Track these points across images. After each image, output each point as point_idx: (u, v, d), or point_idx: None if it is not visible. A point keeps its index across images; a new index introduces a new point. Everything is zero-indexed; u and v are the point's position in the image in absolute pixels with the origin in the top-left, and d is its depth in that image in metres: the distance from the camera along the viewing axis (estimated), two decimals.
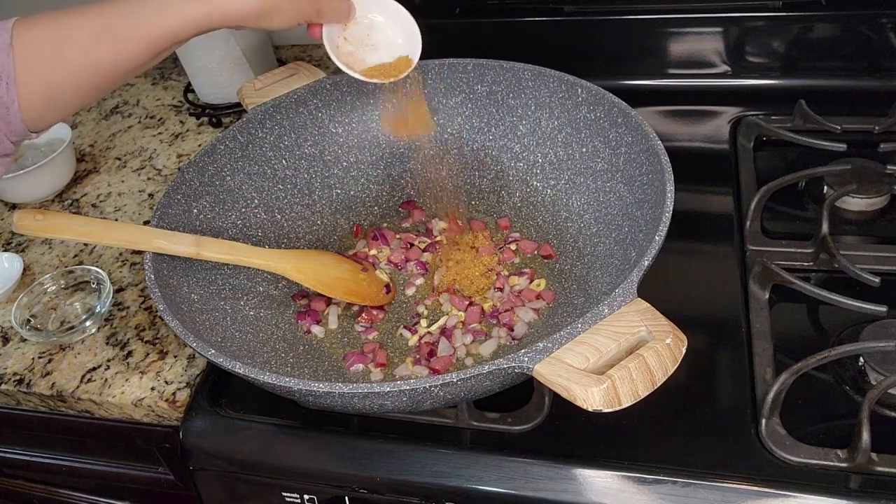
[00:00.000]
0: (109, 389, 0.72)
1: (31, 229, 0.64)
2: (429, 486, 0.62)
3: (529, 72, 0.79)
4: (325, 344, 0.72)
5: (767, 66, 0.93)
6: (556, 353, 0.50)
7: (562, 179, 0.78)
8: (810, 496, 0.56)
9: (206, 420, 0.69)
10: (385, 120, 0.81)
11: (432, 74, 0.82)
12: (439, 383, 0.51)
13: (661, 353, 0.49)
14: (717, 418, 0.62)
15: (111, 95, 1.16)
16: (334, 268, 0.75)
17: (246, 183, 0.78)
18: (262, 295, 0.74)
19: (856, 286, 0.68)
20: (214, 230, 0.74)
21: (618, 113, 0.72)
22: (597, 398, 0.47)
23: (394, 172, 0.85)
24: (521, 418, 0.63)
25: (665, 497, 0.58)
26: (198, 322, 0.65)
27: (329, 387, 0.52)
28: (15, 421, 0.81)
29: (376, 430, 0.65)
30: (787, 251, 0.74)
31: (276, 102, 0.79)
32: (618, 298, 0.53)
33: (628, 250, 0.67)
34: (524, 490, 0.60)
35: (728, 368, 0.65)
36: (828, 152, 0.82)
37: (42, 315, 0.80)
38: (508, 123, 0.82)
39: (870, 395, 0.59)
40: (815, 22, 0.89)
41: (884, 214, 0.78)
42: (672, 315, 0.52)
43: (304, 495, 0.67)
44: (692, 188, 0.81)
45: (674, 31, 0.93)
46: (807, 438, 0.59)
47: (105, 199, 0.96)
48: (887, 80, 0.90)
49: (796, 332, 0.69)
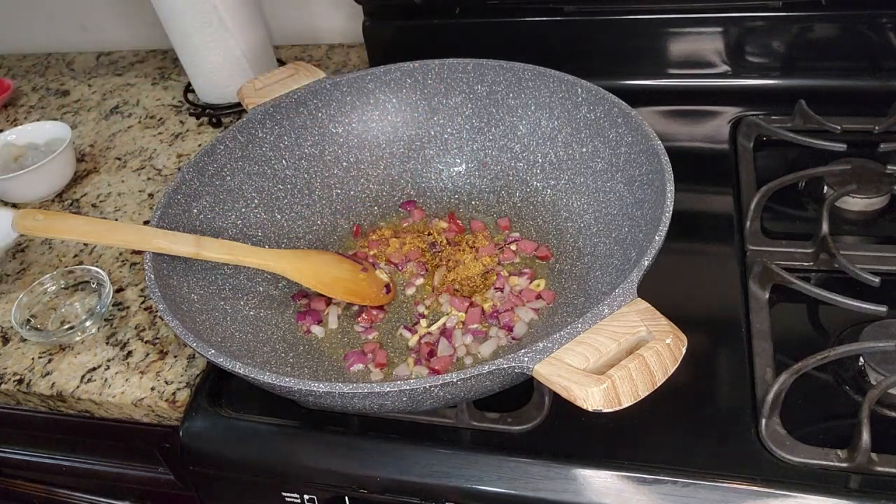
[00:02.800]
0: (109, 389, 0.72)
1: (31, 229, 0.64)
2: (429, 486, 0.62)
3: (529, 72, 0.79)
4: (325, 344, 0.72)
5: (767, 66, 0.93)
6: (556, 353, 0.50)
7: (562, 179, 0.78)
8: (810, 496, 0.56)
9: (206, 420, 0.69)
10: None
11: (432, 74, 0.82)
12: (439, 383, 0.51)
13: (661, 353, 0.49)
14: (717, 418, 0.62)
15: (111, 95, 1.16)
16: (334, 268, 0.75)
17: (246, 183, 0.78)
18: (262, 295, 0.74)
19: (856, 286, 0.68)
20: (214, 230, 0.74)
21: (618, 113, 0.72)
22: (597, 398, 0.47)
23: (394, 172, 0.85)
24: (521, 418, 0.63)
25: (665, 497, 0.58)
26: (198, 322, 0.65)
27: (329, 387, 0.52)
28: (15, 421, 0.81)
29: (376, 430, 0.65)
30: (787, 251, 0.73)
31: (276, 102, 0.79)
32: (618, 298, 0.53)
33: (628, 250, 0.67)
34: (524, 490, 0.60)
35: (728, 368, 0.65)
36: (828, 152, 0.82)
37: (42, 315, 0.80)
38: (508, 123, 0.82)
39: (870, 395, 0.58)
40: (815, 22, 0.89)
41: (884, 214, 0.78)
42: (672, 315, 0.52)
43: (304, 495, 0.67)
44: (692, 188, 0.81)
45: (674, 31, 0.93)
46: (807, 438, 0.59)
47: (105, 199, 0.96)
48: (887, 80, 0.90)
49: (796, 332, 0.69)
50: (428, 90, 0.83)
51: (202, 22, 0.97)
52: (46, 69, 1.27)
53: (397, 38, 1.03)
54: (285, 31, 1.20)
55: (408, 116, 0.84)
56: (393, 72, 0.83)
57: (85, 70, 1.25)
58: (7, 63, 1.31)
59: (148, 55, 1.26)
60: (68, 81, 1.23)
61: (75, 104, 1.16)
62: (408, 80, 0.83)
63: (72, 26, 1.29)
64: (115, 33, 1.28)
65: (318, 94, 0.82)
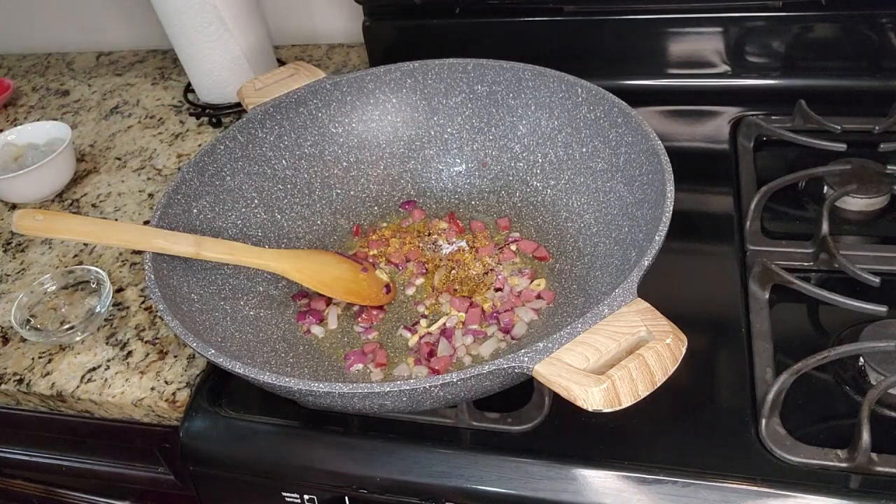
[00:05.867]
0: (109, 389, 0.72)
1: (31, 229, 0.64)
2: (429, 486, 0.62)
3: (529, 72, 0.79)
4: (325, 344, 0.72)
5: (767, 66, 0.93)
6: (556, 353, 0.50)
7: (562, 179, 0.78)
8: (810, 496, 0.56)
9: (206, 420, 0.69)
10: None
11: (432, 74, 0.82)
12: (439, 383, 0.51)
13: (661, 353, 0.49)
14: (717, 418, 0.62)
15: (111, 95, 1.16)
16: (334, 268, 0.75)
17: (246, 183, 0.78)
18: (262, 295, 0.74)
19: (856, 286, 0.68)
20: (214, 230, 0.74)
21: (618, 113, 0.72)
22: (597, 398, 0.47)
23: (394, 172, 0.85)
24: (521, 418, 0.63)
25: (665, 497, 0.58)
26: (198, 322, 0.65)
27: (329, 387, 0.52)
28: (15, 421, 0.81)
29: (376, 430, 0.65)
30: (787, 251, 0.73)
31: (276, 102, 0.79)
32: (618, 298, 0.53)
33: (628, 250, 0.67)
34: (524, 490, 0.60)
35: (728, 368, 0.65)
36: (828, 152, 0.82)
37: (42, 315, 0.80)
38: (508, 123, 0.82)
39: (870, 395, 0.58)
40: (815, 22, 0.89)
41: (884, 214, 0.78)
42: (672, 315, 0.52)
43: (304, 495, 0.67)
44: (692, 188, 0.81)
45: (674, 31, 0.93)
46: (807, 438, 0.59)
47: (105, 199, 0.96)
48: (887, 80, 0.90)
49: (796, 332, 0.69)
50: (428, 90, 0.83)
51: (202, 22, 0.97)
52: (46, 69, 1.27)
53: (397, 38, 1.03)
54: (285, 31, 1.20)
55: (408, 116, 0.84)
56: (393, 72, 0.83)
57: (85, 70, 1.25)
58: (7, 63, 1.31)
59: (148, 55, 1.26)
60: (68, 81, 1.23)
61: (75, 104, 1.16)
62: (408, 80, 0.83)
63: (72, 26, 1.29)
64: (115, 33, 1.28)
65: (318, 94, 0.82)
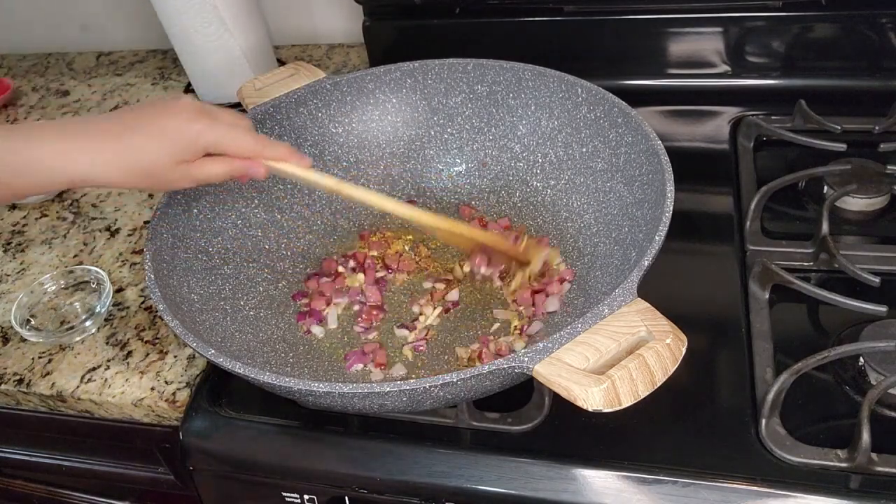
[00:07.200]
0: (109, 389, 0.72)
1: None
2: (429, 486, 0.62)
3: (529, 72, 0.79)
4: (325, 344, 0.72)
5: (767, 66, 0.93)
6: (556, 353, 0.50)
7: (562, 179, 0.78)
8: (810, 496, 0.56)
9: (205, 420, 0.69)
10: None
11: (432, 74, 0.82)
12: (439, 383, 0.51)
13: (661, 353, 0.49)
14: (717, 418, 0.62)
15: (111, 95, 1.16)
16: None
17: (246, 183, 0.78)
18: (262, 295, 0.74)
19: (856, 286, 0.68)
20: (214, 230, 0.74)
21: (618, 113, 0.72)
22: (597, 398, 0.47)
23: (394, 172, 0.85)
24: (521, 418, 0.63)
25: (665, 497, 0.58)
26: (198, 322, 0.65)
27: (329, 387, 0.52)
28: (15, 421, 0.81)
29: (376, 430, 0.65)
30: (787, 251, 0.73)
31: (276, 102, 0.79)
32: (618, 298, 0.53)
33: (628, 250, 0.67)
34: (524, 490, 0.60)
35: (728, 368, 0.65)
36: (828, 152, 0.82)
37: (42, 315, 0.80)
38: (508, 123, 0.82)
39: (870, 395, 0.58)
40: (815, 22, 0.89)
41: (884, 214, 0.78)
42: (672, 315, 0.52)
43: (304, 495, 0.67)
44: (692, 188, 0.81)
45: (674, 31, 0.93)
46: (807, 438, 0.59)
47: (105, 199, 0.96)
48: (887, 80, 0.90)
49: (796, 332, 0.69)
50: (428, 90, 0.83)
51: (202, 22, 0.97)
52: (46, 69, 1.27)
53: (397, 38, 1.03)
54: (285, 31, 1.20)
55: (408, 116, 0.84)
56: (393, 72, 0.83)
57: (85, 70, 1.25)
58: (7, 63, 1.31)
59: (148, 55, 1.26)
60: (68, 81, 1.23)
61: (75, 104, 1.16)
62: (408, 80, 0.83)
63: (72, 26, 1.29)
64: (115, 33, 1.28)
65: (318, 94, 0.82)
